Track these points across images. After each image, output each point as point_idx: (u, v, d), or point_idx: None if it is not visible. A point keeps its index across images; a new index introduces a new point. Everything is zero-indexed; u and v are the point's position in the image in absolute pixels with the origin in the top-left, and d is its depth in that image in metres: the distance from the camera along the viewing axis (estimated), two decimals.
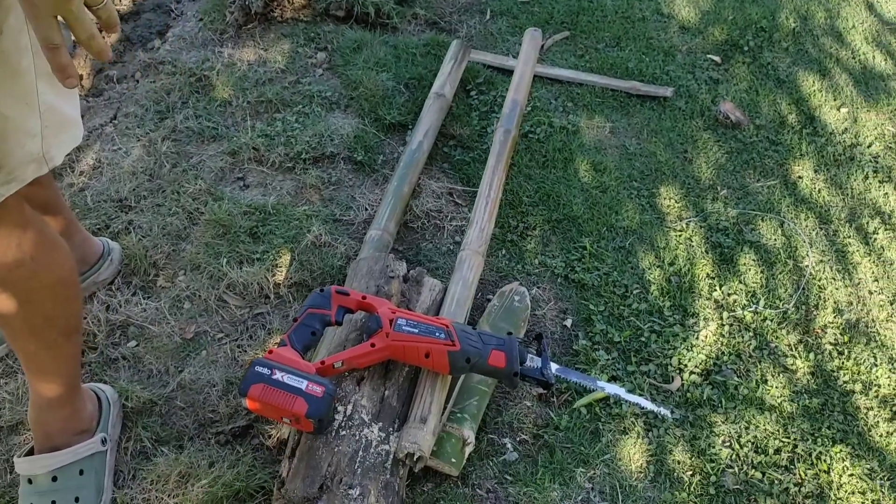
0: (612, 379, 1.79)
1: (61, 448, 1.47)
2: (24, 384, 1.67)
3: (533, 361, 1.60)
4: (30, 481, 1.46)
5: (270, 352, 1.46)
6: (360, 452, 1.42)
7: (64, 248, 1.33)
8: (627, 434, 1.70)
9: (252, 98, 2.40)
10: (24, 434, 1.61)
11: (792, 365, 1.87)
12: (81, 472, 1.48)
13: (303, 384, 1.39)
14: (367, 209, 2.13)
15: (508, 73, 2.56)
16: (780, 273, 2.09)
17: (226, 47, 2.60)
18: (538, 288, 1.99)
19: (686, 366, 1.83)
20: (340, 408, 1.47)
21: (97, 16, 0.87)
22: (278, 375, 1.39)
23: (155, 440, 1.62)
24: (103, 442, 1.53)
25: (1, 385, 1.70)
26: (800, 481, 1.65)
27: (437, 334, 1.50)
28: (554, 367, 1.72)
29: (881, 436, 1.75)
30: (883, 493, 1.63)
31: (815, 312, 2.00)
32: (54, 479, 1.46)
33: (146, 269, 1.93)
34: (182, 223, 2.03)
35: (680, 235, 2.16)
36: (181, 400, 1.69)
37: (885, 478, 1.66)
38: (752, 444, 1.70)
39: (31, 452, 1.49)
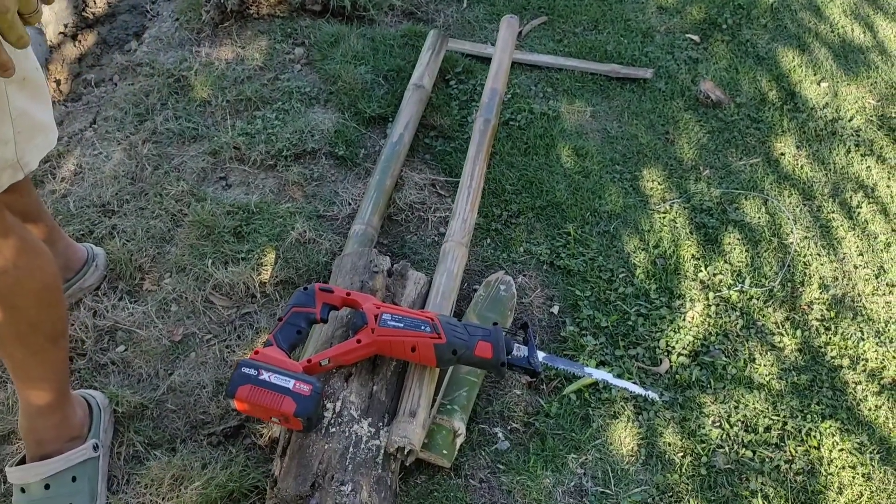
0: (601, 364, 1.80)
1: (53, 455, 1.47)
2: (13, 394, 1.66)
3: (520, 350, 1.61)
4: (23, 490, 1.46)
5: (256, 352, 1.46)
6: (351, 448, 1.43)
7: (46, 253, 1.33)
8: (618, 418, 1.71)
9: (231, 97, 2.39)
10: (15, 443, 1.61)
11: (779, 343, 1.88)
12: (74, 479, 1.48)
13: (290, 383, 1.39)
14: (350, 204, 2.13)
15: (487, 61, 2.55)
16: (765, 251, 2.10)
17: (203, 46, 2.58)
18: (524, 276, 2.00)
19: (674, 348, 1.84)
20: (329, 405, 1.48)
21: (27, 23, 0.95)
22: (265, 376, 1.40)
23: (147, 444, 1.62)
24: (95, 448, 1.53)
25: None
26: (791, 458, 1.66)
27: (422, 328, 1.50)
28: (541, 355, 1.72)
29: (870, 409, 1.76)
30: (873, 466, 1.65)
31: (800, 289, 2.01)
32: (47, 486, 1.46)
33: (132, 274, 1.92)
34: (166, 225, 2.02)
35: (664, 217, 2.16)
36: (172, 403, 1.69)
37: (875, 451, 1.68)
38: (742, 423, 1.72)
39: (23, 461, 1.49)
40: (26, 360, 1.37)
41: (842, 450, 1.68)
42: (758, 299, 1.97)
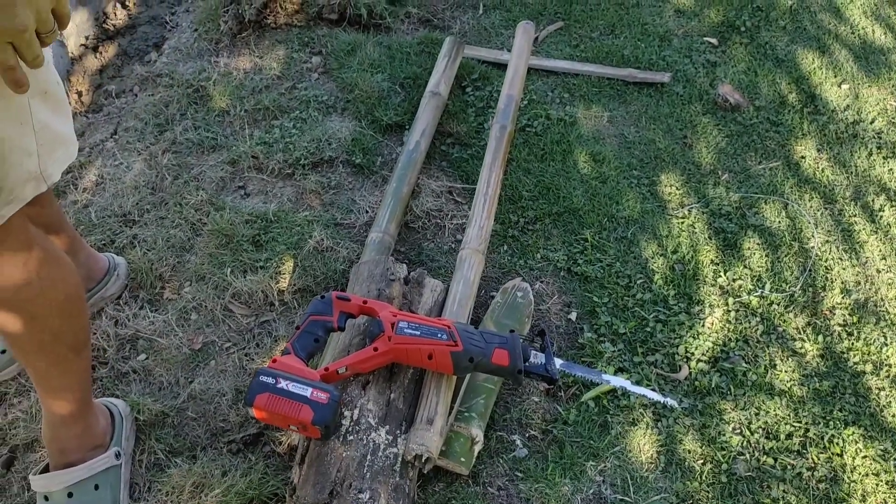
0: (619, 370, 1.79)
1: (76, 464, 1.49)
2: (36, 402, 1.69)
3: (537, 357, 1.61)
4: (46, 498, 1.48)
5: (274, 360, 1.47)
6: (369, 456, 1.43)
7: (68, 264, 1.35)
8: (636, 425, 1.70)
9: (249, 106, 2.41)
10: (38, 451, 1.63)
11: (801, 348, 1.86)
12: (97, 487, 1.50)
13: (307, 391, 1.40)
14: (367, 212, 2.14)
15: (504, 67, 2.56)
16: (786, 256, 2.08)
17: (221, 57, 2.61)
18: (541, 282, 1.99)
19: (693, 354, 1.83)
20: (347, 413, 1.48)
21: (43, 43, 0.97)
22: (283, 384, 1.41)
23: (168, 451, 1.64)
24: (117, 456, 1.55)
25: (14, 404, 1.72)
26: (813, 465, 1.64)
27: (439, 335, 1.51)
28: (558, 362, 1.72)
29: (894, 416, 1.74)
30: None
31: (822, 294, 1.99)
32: (70, 495, 1.48)
33: (152, 283, 1.95)
34: (186, 235, 2.04)
35: (682, 223, 2.15)
36: (192, 410, 1.70)
37: None
38: (763, 430, 1.70)
39: (46, 469, 1.51)
40: (49, 370, 1.39)
41: (865, 457, 1.66)
42: (778, 304, 1.95)
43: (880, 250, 2.11)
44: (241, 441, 1.65)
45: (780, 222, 2.17)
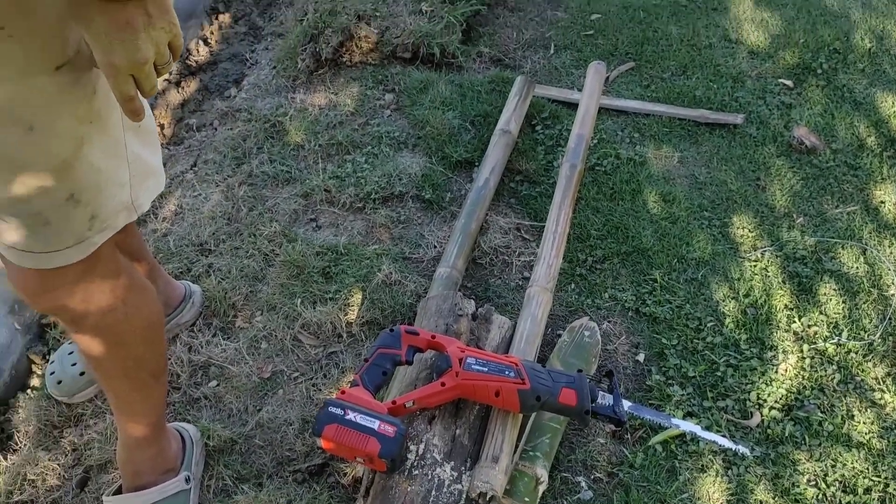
0: (688, 415, 1.75)
1: (148, 487, 1.53)
2: (112, 424, 1.74)
3: (604, 398, 1.59)
4: None
5: (343, 392, 1.49)
6: (433, 492, 1.43)
7: (152, 291, 1.40)
8: (706, 472, 1.65)
9: (323, 141, 2.47)
10: (112, 473, 1.68)
11: (880, 399, 1.80)
12: None
13: (375, 424, 1.41)
14: (435, 246, 2.16)
15: (573, 106, 2.57)
16: (864, 303, 2.01)
17: (298, 93, 2.69)
18: (609, 322, 1.98)
19: (766, 401, 1.78)
20: (412, 447, 1.49)
21: (159, 73, 1.02)
22: (351, 416, 1.42)
23: (235, 478, 1.67)
24: (187, 480, 1.58)
25: (90, 425, 1.78)
26: None
27: (506, 373, 1.50)
28: (626, 404, 1.69)
29: None
30: None
31: None
32: None
33: (225, 311, 2.00)
34: (259, 265, 2.10)
35: (755, 266, 2.11)
36: (260, 438, 1.73)
37: None
38: (840, 482, 1.64)
39: (119, 491, 1.55)
40: (130, 395, 1.44)
41: None
42: (856, 353, 1.89)
43: None
44: (306, 471, 1.67)
45: (857, 268, 2.10)
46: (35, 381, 1.93)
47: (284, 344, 1.92)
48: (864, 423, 1.75)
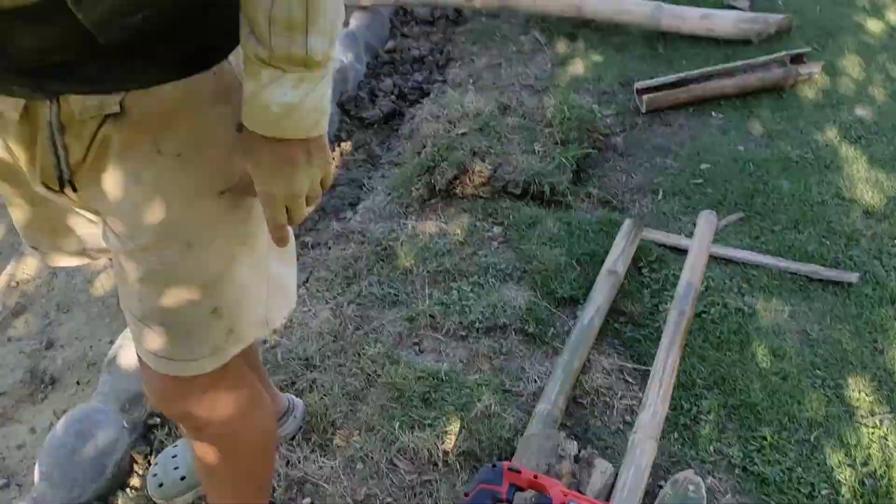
0: None
1: None
2: None
3: None
4: None
5: None
6: None
7: (269, 404, 1.45)
8: None
9: (431, 267, 2.54)
10: None
11: None
12: None
13: None
14: (536, 381, 2.15)
15: (680, 251, 2.57)
16: None
17: (410, 220, 2.80)
18: (713, 478, 1.90)
19: None
20: None
21: (309, 205, 1.10)
22: None
23: None
24: None
25: None
26: None
27: None
28: None
29: None
30: None
31: None
32: None
33: (325, 427, 2.02)
34: (360, 384, 2.13)
35: (873, 433, 2.00)
36: None
37: None
38: None
39: None
40: None
41: None
42: None
43: None
44: None
45: None
46: (135, 481, 1.97)
47: (380, 467, 1.92)
48: None
